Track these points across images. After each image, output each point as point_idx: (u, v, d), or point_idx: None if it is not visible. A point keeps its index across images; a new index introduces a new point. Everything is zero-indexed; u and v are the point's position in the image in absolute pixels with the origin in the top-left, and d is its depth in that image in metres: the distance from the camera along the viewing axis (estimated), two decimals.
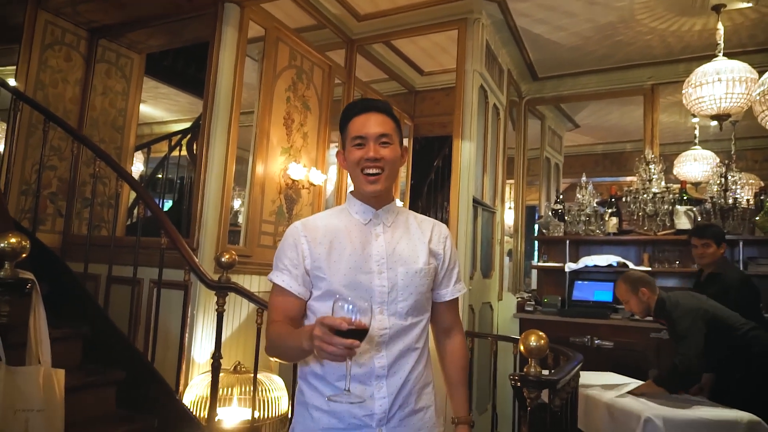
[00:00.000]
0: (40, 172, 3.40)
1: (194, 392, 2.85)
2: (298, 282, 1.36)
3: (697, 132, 5.43)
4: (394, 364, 1.31)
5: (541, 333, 1.74)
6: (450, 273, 1.46)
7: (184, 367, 2.91)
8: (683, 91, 3.73)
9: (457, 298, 1.50)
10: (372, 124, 1.35)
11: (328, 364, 1.30)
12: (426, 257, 1.39)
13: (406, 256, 1.37)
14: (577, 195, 4.48)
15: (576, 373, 2.30)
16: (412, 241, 1.40)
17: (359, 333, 1.10)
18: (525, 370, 1.77)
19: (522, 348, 1.75)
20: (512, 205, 5.53)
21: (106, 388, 2.73)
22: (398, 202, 1.51)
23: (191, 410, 2.74)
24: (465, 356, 1.50)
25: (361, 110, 1.38)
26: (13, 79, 3.61)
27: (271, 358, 1.41)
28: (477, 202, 4.03)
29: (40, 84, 3.70)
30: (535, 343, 1.73)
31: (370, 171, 1.34)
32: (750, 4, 3.76)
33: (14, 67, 3.64)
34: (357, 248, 1.35)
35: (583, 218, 4.40)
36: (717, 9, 3.76)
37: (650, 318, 2.91)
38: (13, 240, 1.96)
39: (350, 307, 1.11)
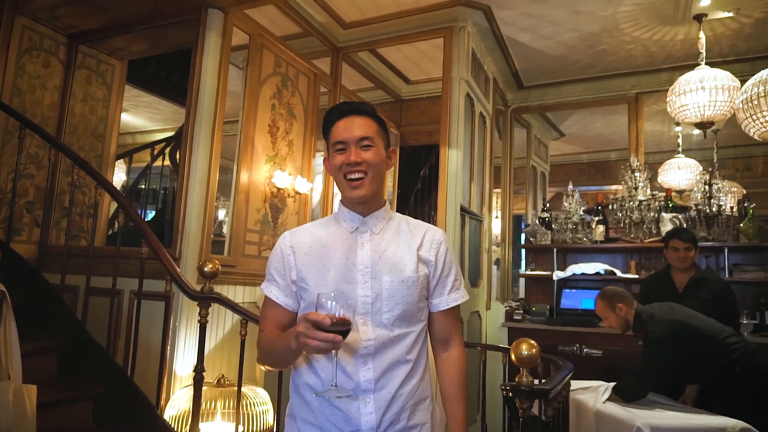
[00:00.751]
0: (15, 181, 3.30)
1: (176, 406, 2.75)
2: (285, 293, 1.35)
3: (680, 140, 5.50)
4: (382, 377, 1.25)
5: (532, 341, 1.71)
6: (444, 281, 1.38)
7: (165, 380, 2.81)
8: (667, 99, 3.77)
9: (455, 308, 1.41)
10: (352, 127, 1.32)
11: (320, 375, 1.27)
12: (414, 265, 1.33)
13: (392, 264, 1.31)
14: (564, 203, 4.49)
15: (567, 382, 2.27)
16: (400, 249, 1.35)
17: (343, 329, 1.12)
18: (516, 379, 1.74)
19: (513, 357, 1.72)
20: (499, 214, 5.52)
21: (84, 404, 2.63)
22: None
23: (173, 425, 2.65)
24: (461, 369, 1.40)
25: (341, 114, 1.35)
26: None
27: (263, 367, 1.38)
28: (464, 211, 4.01)
29: (17, 90, 3.61)
30: (526, 352, 1.69)
31: (353, 176, 1.30)
32: (731, 14, 3.83)
33: None
34: (342, 258, 1.31)
35: (570, 226, 4.41)
36: (699, 18, 3.83)
37: (630, 333, 2.89)
38: None
39: (333, 303, 1.12)
